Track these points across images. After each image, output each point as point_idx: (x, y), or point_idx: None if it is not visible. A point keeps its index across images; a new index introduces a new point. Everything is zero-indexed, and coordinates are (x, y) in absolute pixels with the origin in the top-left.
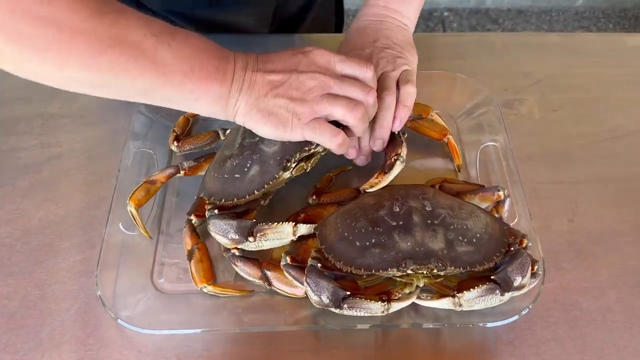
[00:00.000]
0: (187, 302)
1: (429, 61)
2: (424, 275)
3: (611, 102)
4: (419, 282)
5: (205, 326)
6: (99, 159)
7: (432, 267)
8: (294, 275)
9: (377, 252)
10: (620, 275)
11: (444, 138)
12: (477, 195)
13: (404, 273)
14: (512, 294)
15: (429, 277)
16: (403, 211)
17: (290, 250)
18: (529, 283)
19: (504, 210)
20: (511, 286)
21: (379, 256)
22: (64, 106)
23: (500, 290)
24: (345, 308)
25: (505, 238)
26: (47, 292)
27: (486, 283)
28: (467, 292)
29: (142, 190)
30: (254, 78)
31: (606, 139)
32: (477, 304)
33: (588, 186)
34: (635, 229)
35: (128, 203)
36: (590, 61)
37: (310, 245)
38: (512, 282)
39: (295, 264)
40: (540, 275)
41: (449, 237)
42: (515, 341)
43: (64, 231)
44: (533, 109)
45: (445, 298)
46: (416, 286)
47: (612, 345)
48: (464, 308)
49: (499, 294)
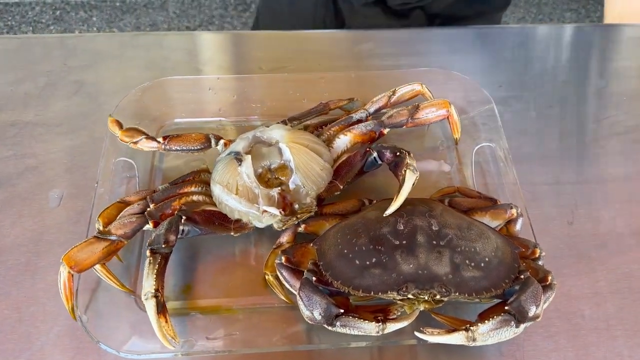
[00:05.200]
0: (173, 322)
1: (422, 57)
2: (424, 300)
3: (610, 96)
4: (419, 307)
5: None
6: (77, 170)
7: (434, 293)
8: (286, 276)
9: (377, 273)
10: (623, 280)
11: (447, 111)
12: (488, 213)
13: (404, 297)
14: (526, 325)
15: (430, 303)
16: (407, 229)
17: (288, 250)
18: (542, 313)
19: (516, 229)
20: (526, 317)
21: (379, 278)
22: (39, 114)
23: (515, 321)
24: (338, 326)
25: (516, 263)
26: (25, 315)
27: (500, 314)
28: (481, 325)
29: (87, 247)
30: None
31: (605, 136)
32: (491, 338)
33: (587, 186)
34: (637, 231)
35: (62, 262)
36: (586, 54)
37: (308, 250)
38: (527, 312)
39: (289, 265)
40: (555, 286)
41: (455, 261)
42: (517, 353)
43: (42, 249)
44: (529, 106)
45: (457, 332)
46: (416, 309)
47: (616, 354)
48: (477, 343)
49: (514, 325)
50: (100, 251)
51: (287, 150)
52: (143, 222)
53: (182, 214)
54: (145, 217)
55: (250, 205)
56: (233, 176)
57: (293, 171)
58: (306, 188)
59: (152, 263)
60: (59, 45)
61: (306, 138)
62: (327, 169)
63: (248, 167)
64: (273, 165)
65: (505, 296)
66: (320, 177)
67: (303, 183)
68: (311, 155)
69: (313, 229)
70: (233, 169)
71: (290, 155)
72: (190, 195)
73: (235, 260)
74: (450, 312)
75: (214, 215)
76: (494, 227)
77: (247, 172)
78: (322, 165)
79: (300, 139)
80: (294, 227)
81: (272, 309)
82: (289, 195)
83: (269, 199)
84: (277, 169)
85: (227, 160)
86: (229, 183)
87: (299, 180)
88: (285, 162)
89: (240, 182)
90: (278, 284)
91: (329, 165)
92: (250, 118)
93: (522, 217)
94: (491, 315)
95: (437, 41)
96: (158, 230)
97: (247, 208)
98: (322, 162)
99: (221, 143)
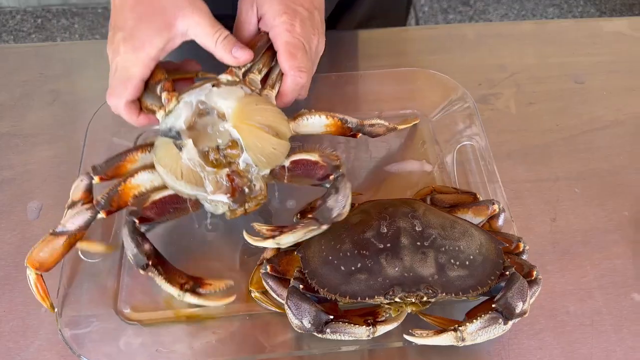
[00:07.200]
0: (157, 332)
1: (400, 56)
2: (412, 303)
3: (589, 92)
4: (407, 309)
5: (177, 359)
6: (56, 180)
7: (421, 295)
8: (272, 285)
9: (363, 278)
10: (607, 276)
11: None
12: (471, 210)
13: (391, 300)
14: (514, 321)
15: (417, 305)
16: (391, 232)
17: (273, 259)
18: (529, 309)
19: (498, 224)
20: (514, 313)
21: (365, 283)
22: (15, 124)
23: (503, 318)
24: (328, 332)
25: (500, 259)
26: (4, 329)
27: (488, 312)
28: (469, 324)
29: (46, 246)
30: None
31: (586, 132)
32: (480, 337)
33: (570, 183)
34: (620, 225)
35: (27, 266)
36: (566, 50)
37: (294, 258)
38: (515, 308)
39: (275, 274)
40: (541, 280)
41: (440, 261)
42: (502, 352)
43: (21, 262)
44: (509, 104)
45: (446, 333)
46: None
47: (601, 350)
48: (467, 342)
49: (502, 323)
50: (61, 246)
51: (235, 132)
52: (94, 212)
53: (133, 217)
54: (94, 206)
55: (196, 189)
56: (176, 159)
57: (243, 150)
58: (258, 167)
59: (156, 275)
60: (35, 54)
61: (260, 112)
62: (282, 145)
63: (190, 153)
64: (221, 145)
65: (491, 293)
66: (273, 155)
67: (255, 161)
68: (264, 136)
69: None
70: (175, 152)
71: (240, 136)
72: (133, 177)
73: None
74: (438, 311)
75: (166, 202)
76: (477, 223)
77: (189, 158)
78: (275, 144)
79: (252, 116)
80: None
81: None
82: (237, 178)
83: (216, 183)
84: (225, 147)
85: (168, 142)
86: (172, 167)
87: (250, 159)
88: (235, 140)
89: (184, 166)
90: (266, 298)
91: (285, 142)
92: None
93: (504, 213)
94: (479, 313)
95: (416, 40)
96: (130, 252)
97: (195, 191)
98: (275, 142)
99: (164, 97)
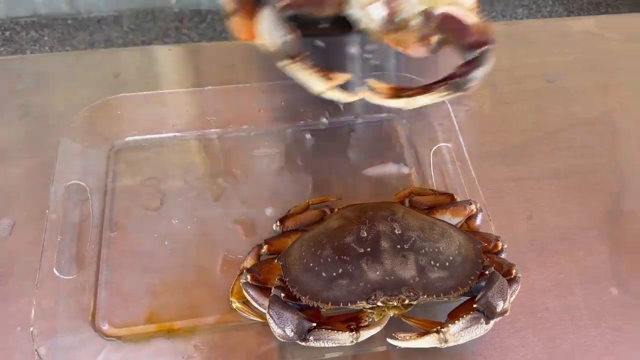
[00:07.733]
0: (137, 348)
1: None
2: (394, 306)
3: (563, 90)
4: (389, 313)
5: None
6: (27, 196)
7: (403, 298)
8: (253, 295)
9: (345, 283)
10: (587, 272)
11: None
12: (449, 210)
13: (374, 305)
14: (495, 320)
15: (399, 308)
16: (371, 236)
17: (253, 268)
18: (510, 307)
19: (476, 224)
20: (495, 312)
21: (347, 288)
22: None
23: (485, 318)
24: (312, 340)
25: (479, 258)
26: None
27: (470, 313)
28: (452, 326)
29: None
30: None
31: (561, 130)
32: (463, 337)
33: (547, 181)
34: (598, 222)
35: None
36: (538, 50)
37: (274, 266)
38: (495, 307)
39: (255, 283)
40: (520, 278)
41: (421, 263)
42: (485, 352)
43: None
44: (484, 104)
45: (429, 335)
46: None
47: (582, 345)
48: (450, 344)
49: (483, 322)
50: None
51: None
52: None
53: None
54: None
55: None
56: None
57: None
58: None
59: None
60: (3, 68)
61: None
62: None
63: None
64: None
65: (472, 293)
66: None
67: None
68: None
69: (276, 249)
70: None
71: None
72: None
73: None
74: (420, 313)
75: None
76: (456, 224)
77: None
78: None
79: None
80: (257, 249)
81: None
82: (395, 3)
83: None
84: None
85: None
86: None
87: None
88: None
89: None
90: (247, 308)
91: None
92: (206, 132)
93: (481, 212)
94: (460, 314)
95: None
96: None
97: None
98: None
99: None
